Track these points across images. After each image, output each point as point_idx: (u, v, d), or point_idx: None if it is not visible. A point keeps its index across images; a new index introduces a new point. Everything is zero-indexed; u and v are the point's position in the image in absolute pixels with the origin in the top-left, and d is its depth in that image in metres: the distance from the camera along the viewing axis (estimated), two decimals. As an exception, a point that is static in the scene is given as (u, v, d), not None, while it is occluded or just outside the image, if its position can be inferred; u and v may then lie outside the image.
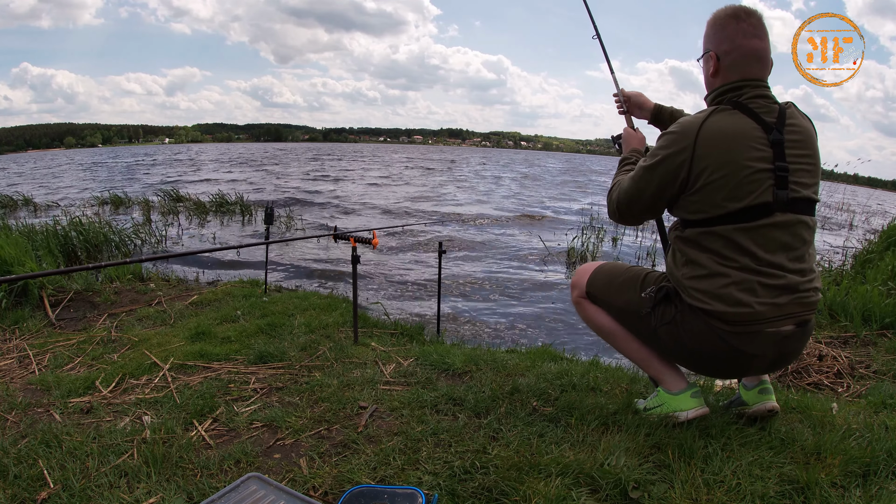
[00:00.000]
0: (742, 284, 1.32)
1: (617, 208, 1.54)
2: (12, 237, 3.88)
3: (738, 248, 1.32)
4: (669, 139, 1.39)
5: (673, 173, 1.37)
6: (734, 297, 1.32)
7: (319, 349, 2.32)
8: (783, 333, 1.35)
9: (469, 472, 1.30)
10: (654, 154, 1.42)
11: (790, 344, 1.38)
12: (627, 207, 1.51)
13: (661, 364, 1.56)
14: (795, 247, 1.35)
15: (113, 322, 2.90)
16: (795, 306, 1.34)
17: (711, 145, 1.32)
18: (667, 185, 1.39)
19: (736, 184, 1.30)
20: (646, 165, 1.43)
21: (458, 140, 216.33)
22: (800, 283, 1.34)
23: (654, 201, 1.46)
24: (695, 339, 1.40)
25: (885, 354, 2.55)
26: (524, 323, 3.95)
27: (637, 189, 1.46)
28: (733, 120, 1.33)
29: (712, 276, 1.35)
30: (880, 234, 4.91)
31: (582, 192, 16.28)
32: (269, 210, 3.40)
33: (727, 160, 1.30)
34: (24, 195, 10.29)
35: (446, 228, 8.32)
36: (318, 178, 18.25)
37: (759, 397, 1.58)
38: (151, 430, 1.53)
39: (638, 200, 1.48)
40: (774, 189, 1.31)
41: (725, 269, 1.33)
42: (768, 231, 1.32)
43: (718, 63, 1.41)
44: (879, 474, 1.30)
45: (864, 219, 11.03)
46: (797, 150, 1.35)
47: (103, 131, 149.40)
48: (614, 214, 1.58)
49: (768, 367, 1.47)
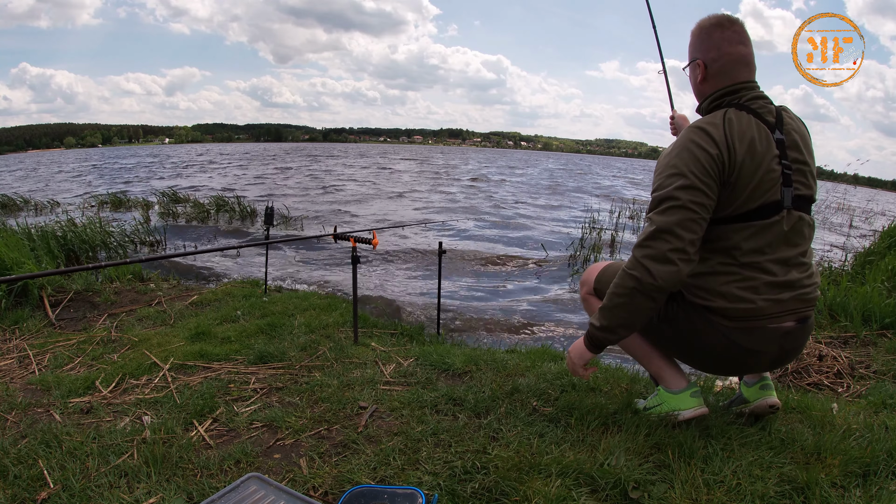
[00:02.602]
0: (745, 282, 1.32)
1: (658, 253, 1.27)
2: (12, 238, 3.88)
3: (742, 246, 1.33)
4: (701, 135, 1.31)
5: (717, 170, 1.29)
6: (736, 294, 1.32)
7: (319, 349, 2.32)
8: (784, 329, 1.36)
9: (469, 472, 1.30)
10: (688, 153, 1.31)
11: (792, 340, 1.38)
12: (678, 236, 1.26)
13: (662, 361, 1.56)
14: (797, 244, 1.36)
15: (113, 322, 2.90)
16: (796, 302, 1.35)
17: (741, 144, 1.31)
18: (713, 181, 1.29)
19: (758, 182, 1.31)
20: (681, 168, 1.29)
21: (458, 140, 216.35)
22: (801, 280, 1.35)
23: (708, 203, 1.29)
24: (697, 335, 1.40)
25: (885, 354, 2.55)
26: (524, 323, 3.95)
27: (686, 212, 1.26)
28: (747, 120, 1.34)
29: (715, 275, 1.35)
30: (880, 234, 4.91)
31: (582, 194, 16.28)
32: (269, 210, 3.39)
33: (753, 158, 1.31)
34: (23, 196, 10.29)
35: (446, 228, 8.31)
36: (317, 178, 18.25)
37: (760, 393, 1.59)
38: (151, 430, 1.53)
39: (692, 223, 1.27)
40: (782, 187, 1.32)
41: (729, 268, 1.34)
42: (774, 228, 1.33)
43: (706, 70, 1.43)
44: (879, 474, 1.30)
45: (865, 219, 11.03)
46: (795, 152, 1.37)
47: (103, 131, 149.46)
48: (660, 270, 1.27)
49: (770, 363, 1.47)
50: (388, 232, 7.34)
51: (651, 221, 1.31)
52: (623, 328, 1.37)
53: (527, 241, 7.58)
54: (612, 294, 1.35)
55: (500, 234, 8.18)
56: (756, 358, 1.40)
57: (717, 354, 1.41)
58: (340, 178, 18.74)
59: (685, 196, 1.28)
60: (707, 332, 1.38)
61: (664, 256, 1.26)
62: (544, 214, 10.82)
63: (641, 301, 1.30)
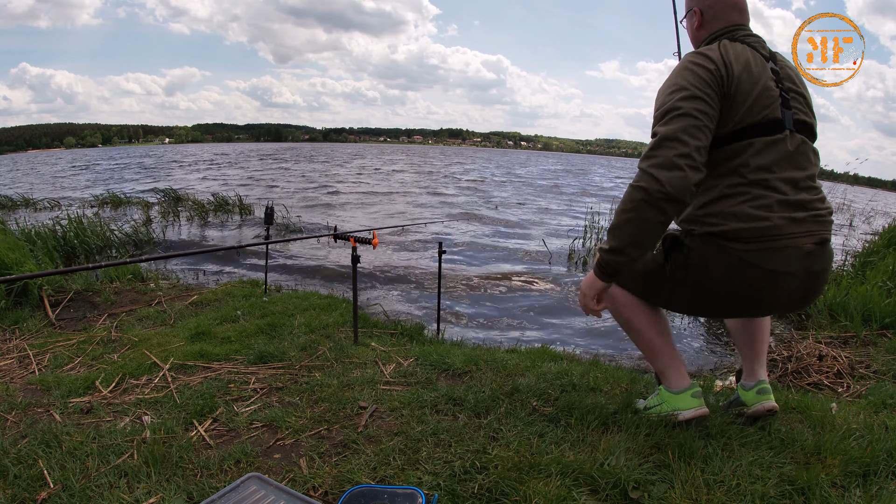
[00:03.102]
0: (756, 200, 1.30)
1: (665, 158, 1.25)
2: (11, 238, 3.88)
3: (749, 163, 1.31)
4: (698, 57, 1.34)
5: (717, 82, 1.30)
6: (749, 213, 1.29)
7: (319, 349, 2.32)
8: (806, 249, 1.31)
9: (469, 472, 1.30)
10: (687, 71, 1.32)
11: (815, 261, 1.33)
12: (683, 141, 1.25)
13: (669, 359, 1.54)
14: (804, 167, 1.35)
15: (113, 322, 2.90)
16: (813, 223, 1.32)
17: (737, 63, 1.32)
18: (713, 91, 1.30)
19: (757, 96, 1.31)
20: (682, 85, 1.30)
21: (458, 140, 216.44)
22: (813, 202, 1.33)
23: (711, 117, 1.29)
24: (713, 273, 1.35)
25: (885, 354, 2.55)
26: (524, 323, 3.95)
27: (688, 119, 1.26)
28: (741, 47, 1.37)
29: (724, 198, 1.33)
30: (881, 233, 4.91)
31: (582, 196, 16.28)
32: (269, 210, 3.39)
33: (750, 76, 1.32)
34: (23, 195, 10.28)
35: (447, 229, 8.31)
36: (317, 178, 18.25)
37: (758, 397, 1.58)
38: (151, 430, 1.53)
39: (695, 128, 1.26)
40: (782, 108, 1.33)
41: (738, 188, 1.32)
42: (779, 146, 1.32)
43: (702, 17, 1.47)
44: (879, 474, 1.30)
45: (864, 219, 11.03)
46: (790, 83, 1.39)
47: (103, 131, 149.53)
48: (669, 178, 1.23)
49: (797, 294, 1.37)
50: (388, 232, 7.33)
51: (655, 134, 1.29)
52: (633, 247, 1.31)
53: (526, 240, 7.58)
54: (620, 211, 1.31)
55: (501, 234, 8.18)
56: (782, 284, 1.32)
57: (740, 289, 1.34)
58: (340, 178, 18.74)
59: (688, 105, 1.28)
60: (724, 265, 1.32)
61: (671, 162, 1.23)
62: (544, 214, 10.82)
63: (650, 213, 1.26)
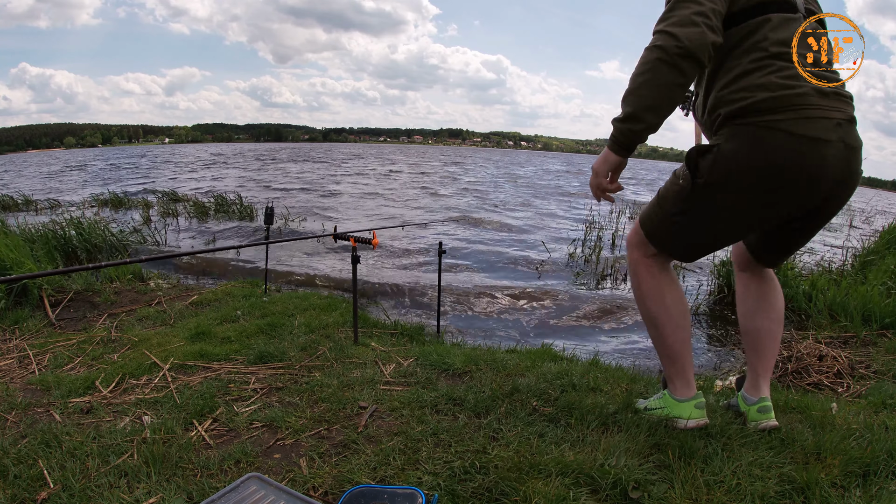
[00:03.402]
0: (782, 71, 1.25)
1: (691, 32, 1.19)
2: (11, 238, 3.88)
3: (769, 36, 1.27)
4: None
5: None
6: (777, 83, 1.24)
7: (319, 349, 2.32)
8: (838, 119, 1.25)
9: (469, 472, 1.30)
10: None
11: (850, 135, 1.27)
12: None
13: (682, 367, 1.51)
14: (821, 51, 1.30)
15: (113, 322, 2.90)
16: (837, 100, 1.27)
17: None
18: None
19: None
20: None
21: (458, 140, 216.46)
22: (835, 76, 1.30)
23: None
24: (750, 157, 1.26)
25: (885, 354, 2.55)
26: (524, 323, 3.95)
27: None
28: None
29: (749, 73, 1.27)
30: (881, 233, 4.91)
31: (581, 197, 16.28)
32: (269, 210, 3.39)
33: None
34: (24, 195, 10.29)
35: (447, 229, 8.31)
36: (317, 178, 18.26)
37: (759, 416, 1.55)
38: (151, 430, 1.53)
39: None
40: None
41: (761, 62, 1.26)
42: (794, 25, 1.28)
43: None
44: (879, 474, 1.30)
45: (864, 219, 11.03)
46: None
47: (103, 131, 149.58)
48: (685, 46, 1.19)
49: (839, 172, 1.27)
50: (388, 232, 7.33)
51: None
52: (649, 111, 1.24)
53: (526, 240, 7.58)
54: (635, 75, 1.25)
55: (500, 233, 8.18)
56: (825, 158, 1.23)
57: (777, 170, 1.25)
58: (340, 178, 18.74)
59: None
60: (760, 143, 1.25)
61: (688, 19, 1.19)
62: (544, 214, 10.82)
63: (667, 73, 1.20)
